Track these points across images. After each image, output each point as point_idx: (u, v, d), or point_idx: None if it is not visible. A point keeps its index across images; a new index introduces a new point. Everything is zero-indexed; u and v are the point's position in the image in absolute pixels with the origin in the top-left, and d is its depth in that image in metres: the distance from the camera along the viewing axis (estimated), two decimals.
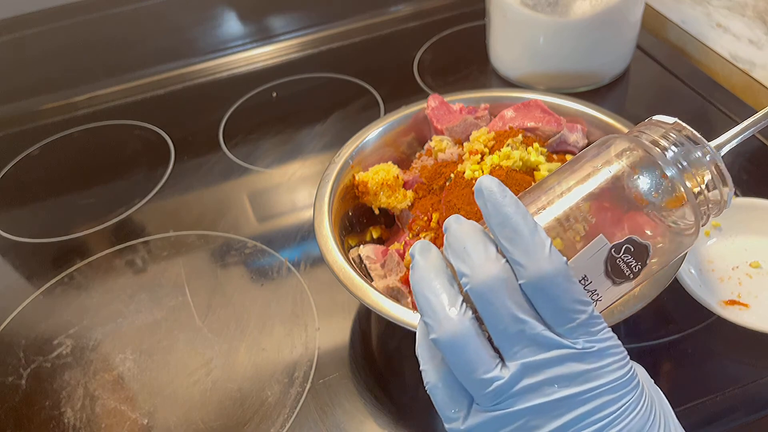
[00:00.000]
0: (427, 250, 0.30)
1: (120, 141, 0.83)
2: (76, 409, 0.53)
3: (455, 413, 0.29)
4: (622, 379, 0.28)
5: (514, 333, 0.27)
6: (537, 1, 0.73)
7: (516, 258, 0.27)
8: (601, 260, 0.31)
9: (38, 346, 0.58)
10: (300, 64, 0.92)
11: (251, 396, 0.52)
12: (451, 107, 0.61)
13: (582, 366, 0.27)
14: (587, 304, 0.27)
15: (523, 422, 0.27)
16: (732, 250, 0.57)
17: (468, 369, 0.27)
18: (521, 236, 0.27)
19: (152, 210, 0.71)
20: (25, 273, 0.66)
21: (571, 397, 0.27)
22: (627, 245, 0.31)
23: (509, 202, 0.28)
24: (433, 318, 0.28)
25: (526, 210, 0.28)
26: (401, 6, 0.99)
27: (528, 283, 0.27)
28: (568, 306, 0.27)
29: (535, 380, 0.27)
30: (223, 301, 0.60)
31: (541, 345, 0.27)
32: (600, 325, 0.28)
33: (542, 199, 0.33)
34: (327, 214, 0.51)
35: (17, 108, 0.89)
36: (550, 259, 0.27)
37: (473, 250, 0.28)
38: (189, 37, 0.93)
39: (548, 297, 0.27)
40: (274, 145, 0.78)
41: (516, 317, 0.27)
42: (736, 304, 0.52)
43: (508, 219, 0.27)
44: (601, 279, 0.31)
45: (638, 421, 0.28)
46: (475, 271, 0.27)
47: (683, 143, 0.33)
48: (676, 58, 0.85)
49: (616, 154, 0.34)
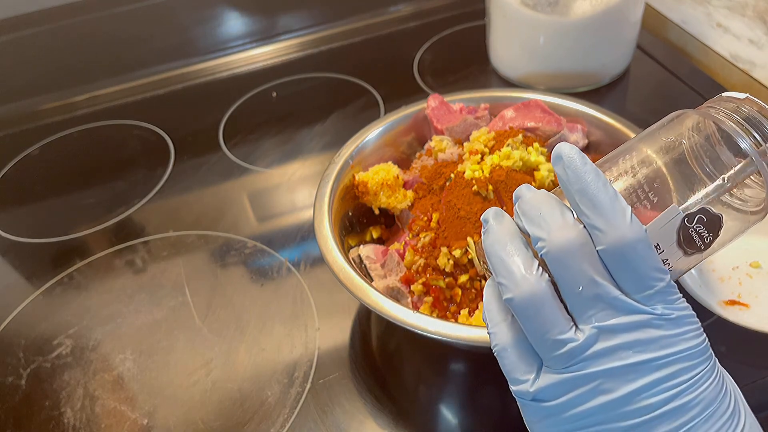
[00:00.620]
0: (501, 215, 0.30)
1: (120, 141, 0.83)
2: (75, 409, 0.53)
3: (524, 375, 0.29)
4: (697, 347, 0.28)
5: (591, 297, 0.27)
6: (537, 1, 0.73)
7: (596, 224, 0.27)
8: (673, 229, 0.31)
9: (38, 346, 0.58)
10: (300, 64, 0.92)
11: (251, 396, 0.52)
12: (451, 107, 0.61)
13: (659, 332, 0.27)
14: (665, 273, 0.28)
15: (596, 385, 0.27)
16: (732, 250, 0.57)
17: (542, 330, 0.27)
18: (601, 203, 0.27)
19: (152, 210, 0.71)
20: (25, 273, 0.66)
21: (647, 362, 0.27)
22: (700, 215, 0.31)
23: (589, 170, 0.28)
24: (509, 278, 0.28)
25: (605, 178, 0.28)
26: (401, 6, 0.99)
27: (607, 249, 0.27)
28: (647, 273, 0.27)
29: (611, 344, 0.27)
30: (223, 301, 0.60)
31: (618, 309, 0.27)
32: (676, 294, 0.28)
33: (615, 169, 0.33)
34: (327, 214, 0.51)
35: (17, 108, 0.89)
36: (631, 227, 0.27)
37: (549, 215, 0.28)
38: (189, 37, 0.93)
39: (628, 263, 0.27)
40: (274, 145, 0.78)
41: (593, 280, 0.27)
42: (737, 304, 0.52)
43: (588, 186, 0.28)
44: (673, 249, 0.31)
45: (711, 392, 0.28)
46: (552, 235, 0.27)
47: (757, 117, 0.33)
48: (677, 58, 0.85)
49: (689, 127, 0.34)
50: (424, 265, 0.49)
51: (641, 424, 0.27)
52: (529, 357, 0.29)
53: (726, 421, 0.28)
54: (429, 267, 0.49)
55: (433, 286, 0.49)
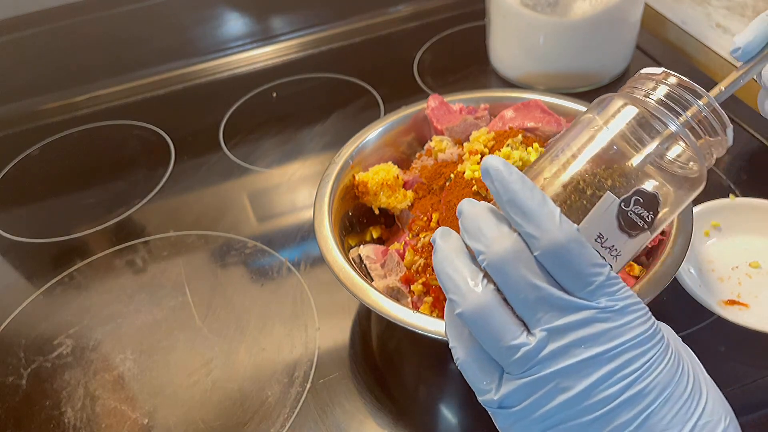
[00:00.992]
0: (447, 234, 0.31)
1: (120, 141, 0.83)
2: (76, 409, 0.53)
3: (487, 385, 0.29)
4: (645, 333, 0.28)
5: (534, 300, 0.28)
6: (537, 1, 0.73)
7: (528, 231, 0.28)
8: (612, 216, 0.32)
9: (38, 346, 0.58)
10: (300, 64, 0.92)
11: (251, 396, 0.52)
12: (451, 107, 0.61)
13: (606, 325, 0.28)
14: (603, 266, 0.28)
15: (554, 385, 0.28)
16: (732, 250, 0.57)
17: (495, 338, 0.28)
18: (530, 210, 0.28)
19: (152, 210, 0.71)
20: (25, 273, 0.66)
21: (598, 356, 0.28)
22: (635, 197, 0.32)
23: (515, 179, 0.29)
24: (457, 293, 0.29)
25: (532, 184, 0.29)
26: (401, 6, 0.99)
27: (543, 254, 0.28)
28: (584, 270, 0.28)
29: (562, 343, 0.28)
30: (223, 301, 0.60)
31: (564, 309, 0.28)
32: (618, 284, 0.29)
33: (548, 169, 0.34)
34: (327, 214, 0.51)
35: (17, 108, 0.89)
36: (561, 228, 0.28)
37: (487, 227, 0.29)
38: (189, 37, 0.93)
39: (564, 264, 0.28)
40: (274, 145, 0.78)
41: (533, 284, 0.28)
42: (736, 304, 0.52)
43: (516, 195, 0.28)
44: (617, 234, 0.32)
45: (665, 375, 0.28)
46: (490, 247, 0.28)
47: (676, 91, 0.34)
48: (676, 59, 0.85)
49: (613, 113, 0.35)
50: (424, 265, 0.49)
51: (603, 415, 0.28)
52: (490, 367, 0.29)
53: (686, 401, 0.29)
54: (429, 267, 0.49)
55: (433, 286, 0.49)
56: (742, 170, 0.67)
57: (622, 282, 0.29)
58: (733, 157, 0.69)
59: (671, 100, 0.34)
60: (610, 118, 0.34)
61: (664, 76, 0.35)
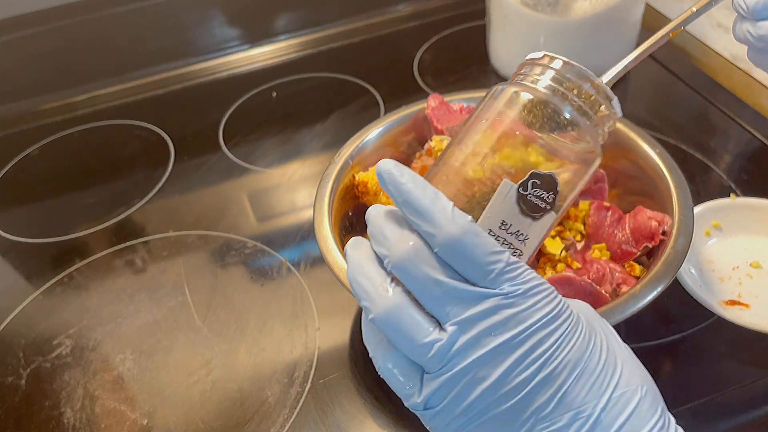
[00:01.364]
0: (358, 243, 0.32)
1: (120, 141, 0.83)
2: (75, 409, 0.53)
3: (410, 388, 0.29)
4: (552, 313, 0.29)
5: (440, 296, 0.28)
6: (537, 1, 0.73)
7: (426, 229, 0.28)
8: (513, 202, 0.33)
9: (38, 346, 0.58)
10: (300, 64, 0.92)
11: (251, 396, 0.52)
12: (451, 107, 0.61)
13: (511, 310, 0.28)
14: (501, 253, 0.28)
15: (471, 377, 0.28)
16: (732, 250, 0.57)
17: (408, 339, 0.28)
18: (424, 208, 0.28)
19: (152, 210, 0.71)
20: (24, 273, 0.66)
21: (508, 342, 0.28)
22: (532, 180, 0.33)
23: (407, 179, 0.29)
24: (368, 299, 0.29)
25: (424, 182, 0.29)
26: (401, 6, 0.99)
27: (441, 250, 0.28)
28: (482, 260, 0.28)
29: (472, 334, 0.28)
30: (223, 301, 0.60)
31: (469, 300, 0.28)
32: (520, 269, 0.29)
33: (449, 163, 0.35)
34: (327, 214, 0.51)
35: (17, 108, 0.89)
36: (455, 222, 0.28)
37: (388, 231, 0.30)
38: (189, 37, 0.93)
39: (462, 257, 0.28)
40: (274, 145, 0.78)
41: (436, 280, 0.28)
42: (737, 304, 0.52)
43: (409, 195, 0.29)
44: (521, 219, 0.33)
45: (576, 351, 0.29)
46: (392, 249, 0.29)
47: (561, 74, 0.36)
48: (677, 58, 0.85)
49: (504, 102, 0.36)
50: None
51: (520, 400, 0.28)
52: (410, 370, 0.30)
53: (599, 374, 0.29)
54: None
55: None
56: (742, 170, 0.67)
57: (524, 266, 0.29)
58: (734, 157, 0.69)
59: (558, 83, 0.35)
60: (501, 107, 0.36)
61: (549, 60, 0.37)
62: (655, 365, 0.51)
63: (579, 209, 0.53)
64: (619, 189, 0.56)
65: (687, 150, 0.70)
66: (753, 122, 0.73)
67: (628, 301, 0.42)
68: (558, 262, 0.49)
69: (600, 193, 0.55)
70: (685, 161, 0.68)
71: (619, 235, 0.50)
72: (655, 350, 0.52)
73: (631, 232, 0.50)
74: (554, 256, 0.50)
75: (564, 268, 0.49)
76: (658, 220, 0.48)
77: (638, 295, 0.43)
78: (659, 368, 0.51)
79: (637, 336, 0.53)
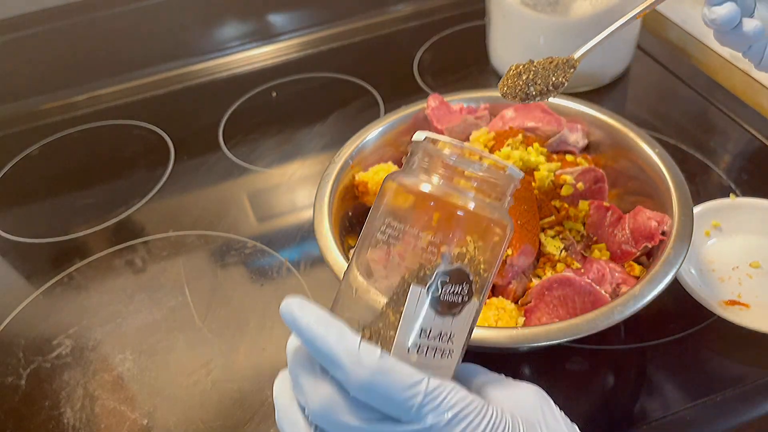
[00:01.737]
0: (283, 384, 0.32)
1: (120, 141, 0.83)
2: (75, 409, 0.53)
3: None
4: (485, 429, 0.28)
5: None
6: (537, 1, 0.73)
7: (336, 375, 0.28)
8: (426, 307, 0.30)
9: (38, 346, 0.58)
10: (300, 64, 0.92)
11: (251, 396, 0.52)
12: (451, 107, 0.61)
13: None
14: (418, 384, 0.27)
15: None
16: (732, 250, 0.57)
17: None
18: (330, 351, 0.27)
19: (152, 210, 0.71)
20: (24, 273, 0.66)
21: None
22: (439, 280, 0.30)
23: (309, 320, 0.28)
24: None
25: (328, 320, 0.28)
26: (401, 6, 0.99)
27: (356, 395, 0.27)
28: (398, 397, 0.27)
29: None
30: (223, 301, 0.60)
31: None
32: (442, 394, 0.28)
33: (355, 281, 0.32)
34: (327, 214, 0.51)
35: (17, 108, 0.89)
36: (362, 364, 0.27)
37: (303, 379, 0.29)
38: (189, 37, 0.93)
39: (378, 398, 0.27)
40: (274, 145, 0.78)
41: (357, 428, 0.27)
42: (737, 304, 0.52)
43: (314, 339, 0.28)
44: (439, 321, 0.30)
45: None
46: (308, 400, 0.29)
47: (453, 161, 0.32)
48: (677, 58, 0.85)
49: (400, 203, 0.32)
50: None
51: None
52: None
53: None
54: None
55: None
56: (742, 170, 0.67)
57: (446, 389, 0.28)
58: (734, 157, 0.69)
59: (450, 170, 0.32)
60: (388, 207, 0.32)
61: (437, 144, 0.33)
62: (655, 365, 0.51)
63: (579, 209, 0.53)
64: (619, 189, 0.56)
65: (687, 150, 0.70)
66: (753, 122, 0.73)
67: (628, 301, 0.42)
68: (558, 262, 0.49)
69: (600, 193, 0.55)
70: (685, 161, 0.68)
71: (619, 235, 0.50)
72: (655, 350, 0.52)
73: (631, 233, 0.50)
74: (554, 256, 0.50)
75: (564, 268, 0.49)
76: (657, 220, 0.48)
77: (638, 295, 0.43)
78: (659, 368, 0.51)
79: (637, 336, 0.53)
